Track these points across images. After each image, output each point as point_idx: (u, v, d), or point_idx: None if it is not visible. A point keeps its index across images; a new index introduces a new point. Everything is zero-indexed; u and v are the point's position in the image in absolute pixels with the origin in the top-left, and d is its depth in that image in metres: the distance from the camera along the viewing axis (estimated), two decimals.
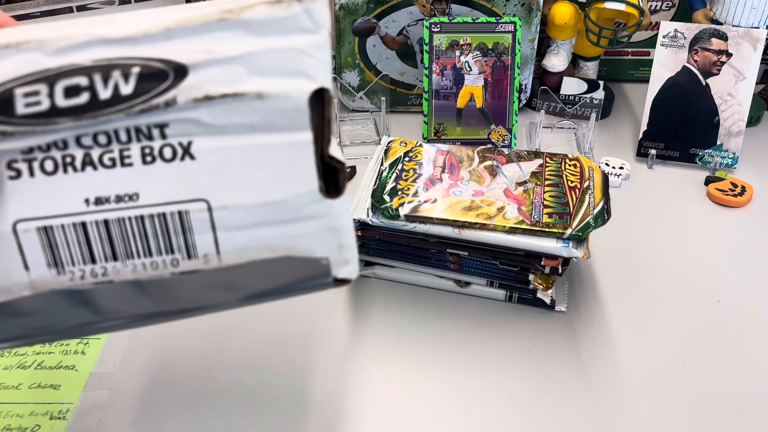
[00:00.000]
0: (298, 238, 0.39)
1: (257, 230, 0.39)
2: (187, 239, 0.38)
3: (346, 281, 0.41)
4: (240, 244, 0.39)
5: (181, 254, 0.38)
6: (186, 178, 0.37)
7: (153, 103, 0.35)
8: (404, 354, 0.62)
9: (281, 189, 0.38)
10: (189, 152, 0.36)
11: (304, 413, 0.56)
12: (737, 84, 0.85)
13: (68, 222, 0.36)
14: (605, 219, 0.62)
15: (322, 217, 0.39)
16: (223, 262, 0.39)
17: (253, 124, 0.36)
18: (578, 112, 0.94)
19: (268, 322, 0.65)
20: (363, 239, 0.67)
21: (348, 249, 0.40)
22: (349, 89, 0.96)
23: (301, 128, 0.37)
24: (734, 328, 0.65)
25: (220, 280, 0.39)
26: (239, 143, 0.37)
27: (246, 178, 0.38)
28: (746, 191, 0.82)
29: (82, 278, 0.37)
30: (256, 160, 0.37)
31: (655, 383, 0.59)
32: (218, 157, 0.37)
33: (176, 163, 0.36)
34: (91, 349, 0.61)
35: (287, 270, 0.40)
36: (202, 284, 0.39)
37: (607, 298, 0.68)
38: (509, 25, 0.86)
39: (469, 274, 0.66)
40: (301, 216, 0.39)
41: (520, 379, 0.59)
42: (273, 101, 0.36)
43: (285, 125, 0.37)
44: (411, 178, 0.67)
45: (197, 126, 0.36)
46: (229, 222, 0.38)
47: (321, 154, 0.38)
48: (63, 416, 0.55)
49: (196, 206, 0.37)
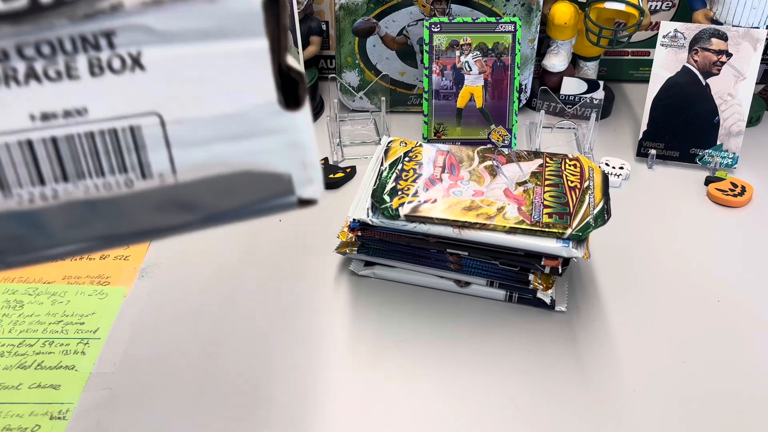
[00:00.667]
0: (257, 153, 0.38)
1: (214, 145, 0.37)
2: (140, 156, 0.37)
3: (312, 202, 0.39)
4: (196, 160, 0.37)
5: (135, 173, 0.37)
6: (137, 91, 0.35)
7: (98, 7, 0.32)
8: (404, 354, 0.62)
9: (237, 101, 0.36)
10: (139, 63, 0.35)
11: (304, 413, 0.56)
12: (737, 84, 0.85)
13: (13, 140, 0.34)
14: (605, 219, 0.62)
15: (282, 132, 0.37)
16: (179, 180, 0.37)
17: (205, 30, 0.35)
18: (578, 112, 0.94)
19: (268, 322, 0.65)
20: (363, 239, 0.67)
21: (312, 167, 0.38)
22: (349, 89, 0.96)
23: (255, 34, 0.35)
24: (734, 328, 0.65)
25: (177, 200, 0.38)
26: (191, 52, 0.35)
27: (200, 89, 0.36)
28: (746, 191, 0.82)
29: (30, 201, 0.35)
30: (210, 70, 0.36)
31: (655, 383, 0.59)
32: (170, 68, 0.35)
33: (126, 75, 0.35)
34: (91, 349, 0.61)
35: (247, 187, 0.39)
36: (159, 204, 0.38)
37: (607, 298, 0.68)
38: (509, 25, 0.86)
39: (469, 274, 0.66)
40: (259, 130, 0.37)
41: (520, 379, 0.59)
42: (225, 4, 0.34)
43: (238, 31, 0.35)
44: (411, 178, 0.67)
45: (147, 33, 0.34)
46: (183, 137, 0.37)
47: (279, 64, 0.36)
48: (63, 416, 0.55)
49: (149, 120, 0.36)
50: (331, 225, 0.75)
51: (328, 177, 0.83)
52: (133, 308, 0.66)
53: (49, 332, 0.63)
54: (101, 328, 0.63)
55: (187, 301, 0.67)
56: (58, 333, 0.63)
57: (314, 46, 0.97)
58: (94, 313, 0.65)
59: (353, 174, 0.85)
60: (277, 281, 0.69)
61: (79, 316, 0.64)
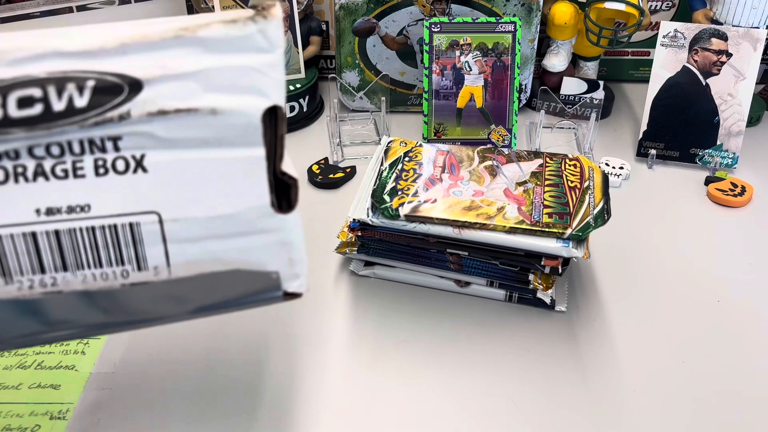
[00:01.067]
0: (248, 251, 0.40)
1: (208, 243, 0.39)
2: (137, 251, 0.38)
3: (297, 295, 0.41)
4: (190, 256, 0.39)
5: (131, 266, 0.38)
6: (138, 191, 0.37)
7: (107, 116, 0.35)
8: (404, 354, 0.62)
9: (233, 203, 0.38)
10: (142, 165, 0.37)
11: (304, 413, 0.56)
12: (737, 84, 0.85)
13: (18, 232, 0.35)
14: (605, 219, 0.62)
15: (273, 232, 0.39)
16: (173, 275, 0.39)
17: (207, 139, 0.37)
18: (578, 112, 0.94)
19: (269, 322, 0.65)
20: (363, 239, 0.67)
21: (299, 263, 0.41)
22: (349, 89, 0.96)
23: (254, 144, 0.37)
24: (734, 328, 0.65)
25: (170, 293, 0.39)
26: (192, 157, 0.37)
27: (198, 191, 0.38)
28: (746, 191, 0.82)
29: (30, 288, 0.37)
30: (209, 174, 0.38)
31: (655, 383, 0.59)
32: (170, 171, 0.37)
33: (129, 176, 0.37)
34: (91, 349, 0.61)
35: (237, 283, 0.40)
36: (152, 296, 0.39)
37: (607, 298, 0.68)
38: (509, 25, 0.86)
39: (469, 274, 0.66)
40: (252, 230, 0.39)
41: (520, 379, 0.59)
42: (226, 117, 0.36)
43: (238, 141, 0.37)
44: (411, 178, 0.67)
45: (150, 139, 0.36)
46: (179, 234, 0.38)
47: (274, 169, 0.38)
48: (63, 416, 0.55)
49: (148, 218, 0.38)
50: (331, 225, 0.75)
51: (328, 177, 0.83)
52: None
53: None
54: None
55: None
56: None
57: (314, 46, 0.97)
58: None
59: (353, 174, 0.85)
60: None
61: None
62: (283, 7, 0.91)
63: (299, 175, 0.84)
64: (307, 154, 0.89)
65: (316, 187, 0.83)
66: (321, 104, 1.00)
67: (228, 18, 0.36)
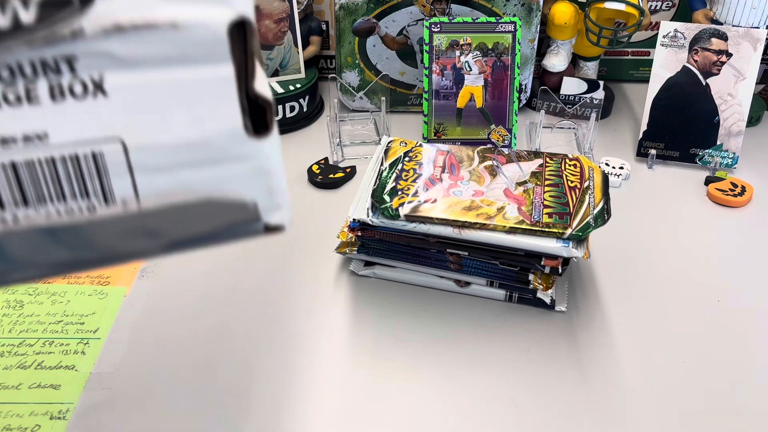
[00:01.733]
0: (222, 180, 0.37)
1: (178, 172, 0.37)
2: (103, 183, 0.36)
3: (279, 228, 0.38)
4: (160, 187, 0.37)
5: (97, 199, 0.36)
6: (99, 116, 0.34)
7: (58, 33, 0.32)
8: (404, 353, 0.62)
9: (202, 127, 0.36)
10: (101, 88, 0.34)
11: (304, 413, 0.56)
12: (737, 84, 0.85)
13: None
14: (605, 219, 0.62)
15: (248, 158, 0.37)
16: (142, 207, 0.37)
17: (169, 57, 0.34)
18: (578, 112, 0.94)
19: (268, 321, 0.65)
20: (363, 239, 0.67)
21: (279, 193, 0.38)
22: (349, 89, 0.96)
23: (221, 61, 0.34)
24: (734, 328, 0.65)
25: (141, 226, 0.37)
26: (155, 78, 0.34)
27: (163, 116, 0.35)
28: (746, 191, 0.82)
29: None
30: (174, 96, 0.35)
31: (655, 383, 0.59)
32: (133, 94, 0.34)
33: (88, 100, 0.34)
34: (91, 349, 0.61)
35: (212, 215, 0.38)
36: (122, 231, 0.37)
37: (607, 298, 0.68)
38: (509, 25, 0.86)
39: (469, 274, 0.66)
40: (225, 156, 0.37)
41: (520, 379, 0.59)
42: (189, 31, 0.33)
43: (203, 58, 0.34)
44: (411, 178, 0.67)
45: (109, 59, 0.33)
46: (147, 163, 0.36)
47: (246, 90, 0.35)
48: (63, 416, 0.55)
49: (111, 147, 0.35)
50: (331, 225, 0.75)
51: (328, 177, 0.83)
52: (133, 308, 0.66)
53: (49, 332, 0.63)
54: (101, 328, 0.63)
55: (187, 301, 0.67)
56: (58, 333, 0.63)
57: (314, 45, 0.97)
58: (94, 313, 0.65)
59: (353, 174, 0.85)
60: (277, 281, 0.69)
61: (79, 316, 0.64)
62: (283, 7, 0.91)
63: (299, 175, 0.85)
64: (307, 154, 0.89)
65: (316, 187, 0.83)
66: (321, 104, 1.00)
67: None
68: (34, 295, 0.67)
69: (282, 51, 0.93)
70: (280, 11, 0.91)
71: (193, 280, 0.69)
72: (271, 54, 0.93)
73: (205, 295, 0.67)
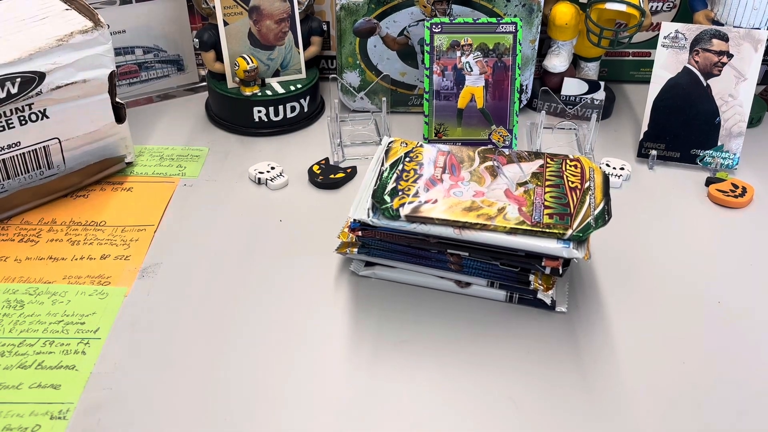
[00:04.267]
0: (107, 147, 0.81)
1: (87, 147, 0.78)
2: (48, 160, 0.76)
3: (130, 163, 0.85)
4: (78, 157, 0.78)
5: (45, 168, 0.76)
6: (45, 129, 0.74)
7: (29, 95, 0.70)
8: (404, 354, 0.62)
9: (96, 123, 0.78)
10: (45, 115, 0.73)
11: (304, 414, 0.56)
12: (738, 85, 0.85)
13: None
14: (606, 220, 0.62)
15: (116, 134, 0.81)
16: (68, 167, 0.78)
17: (80, 95, 0.75)
18: (579, 112, 0.94)
19: (268, 322, 0.65)
20: (363, 239, 0.67)
21: (130, 147, 0.84)
22: (350, 90, 0.96)
23: (103, 92, 0.77)
24: (735, 330, 0.65)
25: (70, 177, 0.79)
26: (74, 105, 0.75)
27: (78, 122, 0.76)
28: (747, 192, 0.82)
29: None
30: (84, 112, 0.76)
31: (655, 385, 0.59)
32: (63, 115, 0.74)
33: (39, 122, 0.73)
34: (92, 349, 0.61)
35: (106, 164, 0.81)
36: (62, 179, 0.78)
37: (607, 299, 0.68)
38: (510, 26, 0.86)
39: (469, 275, 0.66)
40: (107, 135, 0.80)
41: (520, 380, 0.59)
42: (90, 82, 0.75)
43: (96, 92, 0.76)
44: (412, 179, 0.67)
45: (50, 101, 0.72)
46: (71, 146, 0.77)
47: (113, 103, 0.78)
48: (63, 416, 0.55)
49: (53, 142, 0.75)
50: (331, 225, 0.75)
51: (328, 177, 0.83)
52: (133, 308, 0.66)
53: (49, 332, 0.63)
54: (102, 328, 0.63)
55: (187, 301, 0.67)
56: (59, 333, 0.63)
57: (315, 46, 0.97)
58: (95, 313, 0.65)
59: (354, 174, 0.85)
60: (278, 281, 0.69)
61: (79, 316, 0.64)
62: (284, 7, 0.91)
63: (300, 174, 0.85)
64: (308, 154, 0.89)
65: (316, 188, 0.83)
66: (322, 104, 1.00)
67: (82, 29, 0.73)
68: (35, 295, 0.67)
69: (283, 51, 0.93)
70: (281, 11, 0.91)
71: (193, 280, 0.69)
72: (272, 54, 0.93)
73: (205, 295, 0.67)
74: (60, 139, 0.75)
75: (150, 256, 0.72)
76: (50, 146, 0.74)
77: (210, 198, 0.81)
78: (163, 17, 0.97)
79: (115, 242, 0.74)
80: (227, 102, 0.93)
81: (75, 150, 0.77)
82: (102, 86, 0.76)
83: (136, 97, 1.00)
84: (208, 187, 0.83)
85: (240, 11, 0.90)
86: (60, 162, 0.76)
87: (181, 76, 1.03)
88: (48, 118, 0.72)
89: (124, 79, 0.98)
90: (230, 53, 0.91)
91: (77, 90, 0.74)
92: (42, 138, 0.73)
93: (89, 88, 0.75)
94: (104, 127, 0.78)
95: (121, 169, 0.84)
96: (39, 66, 0.70)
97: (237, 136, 0.93)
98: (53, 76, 0.71)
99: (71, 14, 0.76)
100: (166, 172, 0.85)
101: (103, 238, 0.74)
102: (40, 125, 0.72)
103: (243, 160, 0.88)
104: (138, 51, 0.98)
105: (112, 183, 0.83)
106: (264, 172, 0.84)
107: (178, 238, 0.75)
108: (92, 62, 0.74)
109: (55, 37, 0.71)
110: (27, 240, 0.74)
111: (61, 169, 0.77)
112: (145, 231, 0.75)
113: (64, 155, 0.76)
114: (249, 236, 0.75)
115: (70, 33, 0.72)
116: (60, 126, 0.74)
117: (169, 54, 1.01)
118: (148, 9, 0.96)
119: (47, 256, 0.71)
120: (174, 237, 0.75)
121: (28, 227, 0.75)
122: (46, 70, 0.70)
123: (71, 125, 0.75)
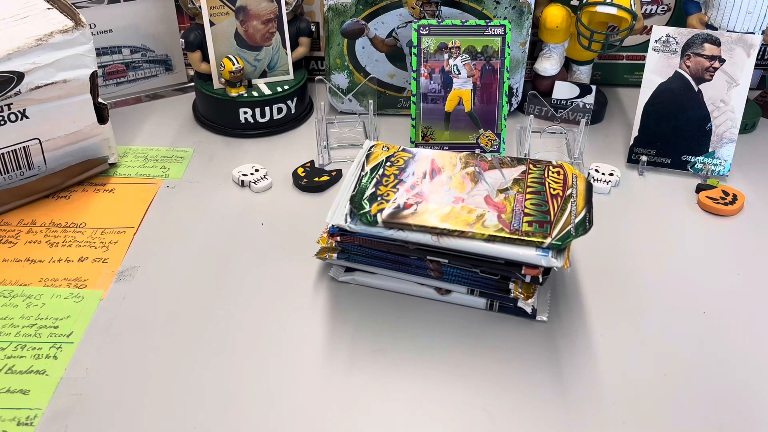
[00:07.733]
0: (89, 148, 0.79)
1: (68, 148, 0.77)
2: (29, 161, 0.75)
3: (114, 164, 0.84)
4: (59, 158, 0.77)
5: (25, 169, 0.75)
6: (25, 129, 0.73)
7: (8, 95, 0.70)
8: (380, 363, 0.61)
9: (78, 124, 0.77)
10: (25, 115, 0.72)
11: (277, 421, 0.55)
12: (730, 90, 0.83)
13: None
14: (587, 228, 0.61)
15: (99, 135, 0.80)
16: (48, 168, 0.77)
17: (61, 95, 0.74)
18: (570, 116, 0.93)
19: (245, 327, 0.64)
20: (343, 245, 0.66)
21: (113, 147, 0.83)
22: (337, 91, 0.95)
23: (85, 93, 0.76)
24: (720, 340, 0.64)
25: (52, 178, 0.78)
26: (54, 105, 0.74)
27: (59, 122, 0.75)
28: (737, 200, 0.80)
29: None
30: (65, 112, 0.75)
31: (637, 397, 0.58)
32: (43, 115, 0.73)
33: (18, 122, 0.72)
34: (64, 354, 0.60)
35: (89, 165, 0.81)
36: (42, 181, 0.77)
37: (590, 308, 0.67)
38: (499, 29, 0.84)
39: (449, 282, 0.65)
40: (89, 136, 0.79)
41: (497, 392, 0.58)
42: (71, 82, 0.74)
43: (78, 92, 0.75)
44: (391, 184, 0.66)
45: (30, 101, 0.72)
46: (51, 147, 0.76)
47: (95, 103, 0.78)
48: (30, 422, 0.54)
49: (33, 143, 0.74)
50: (313, 229, 0.74)
51: (313, 180, 0.82)
52: (108, 312, 0.65)
53: (22, 335, 0.62)
54: (75, 332, 0.62)
55: (163, 305, 0.66)
56: (31, 336, 0.62)
57: (303, 47, 0.96)
58: (69, 316, 0.64)
59: (339, 177, 0.84)
60: (256, 286, 0.68)
61: (53, 320, 0.64)
62: (271, 7, 0.90)
63: (285, 177, 0.83)
64: (294, 156, 0.88)
65: (300, 191, 0.82)
66: (310, 106, 0.99)
67: (62, 28, 0.72)
68: (9, 297, 0.66)
69: (270, 52, 0.92)
70: (268, 12, 0.90)
71: (170, 284, 0.68)
72: (259, 55, 0.92)
73: (181, 299, 0.66)
74: (40, 139, 0.74)
75: (128, 259, 0.71)
76: (30, 147, 0.73)
77: (192, 200, 0.80)
78: (151, 17, 0.97)
79: (94, 244, 0.73)
80: (213, 103, 0.92)
81: (56, 151, 0.76)
82: (83, 86, 0.75)
83: (124, 96, 1.00)
84: (191, 189, 0.82)
85: (226, 11, 0.89)
86: (41, 163, 0.75)
87: (169, 75, 1.02)
88: (28, 119, 0.71)
89: (111, 78, 0.98)
90: (216, 54, 0.90)
91: (58, 90, 0.73)
92: (22, 138, 0.73)
93: (70, 89, 0.74)
94: (86, 128, 0.77)
95: (104, 170, 0.83)
96: (17, 66, 0.69)
97: (223, 137, 0.92)
98: (32, 76, 0.70)
99: (53, 13, 0.75)
100: (149, 173, 0.84)
101: (83, 240, 0.73)
102: (20, 125, 0.71)
103: (228, 162, 0.87)
104: (125, 50, 0.97)
105: (94, 184, 0.82)
106: (248, 174, 0.83)
107: (157, 240, 0.74)
108: (73, 62, 0.73)
109: (35, 36, 0.71)
110: (5, 241, 0.73)
111: (41, 169, 0.76)
112: (124, 233, 0.75)
113: (45, 156, 0.75)
114: (228, 239, 0.74)
115: (50, 33, 0.72)
116: (40, 126, 0.73)
117: (157, 54, 1.00)
118: (136, 8, 0.95)
119: (24, 258, 0.71)
120: (153, 240, 0.74)
121: (7, 228, 0.75)
122: (24, 70, 0.70)
123: (52, 126, 0.74)
